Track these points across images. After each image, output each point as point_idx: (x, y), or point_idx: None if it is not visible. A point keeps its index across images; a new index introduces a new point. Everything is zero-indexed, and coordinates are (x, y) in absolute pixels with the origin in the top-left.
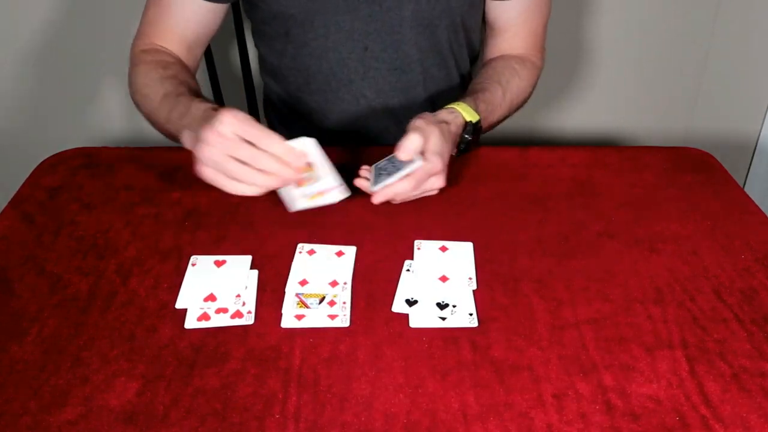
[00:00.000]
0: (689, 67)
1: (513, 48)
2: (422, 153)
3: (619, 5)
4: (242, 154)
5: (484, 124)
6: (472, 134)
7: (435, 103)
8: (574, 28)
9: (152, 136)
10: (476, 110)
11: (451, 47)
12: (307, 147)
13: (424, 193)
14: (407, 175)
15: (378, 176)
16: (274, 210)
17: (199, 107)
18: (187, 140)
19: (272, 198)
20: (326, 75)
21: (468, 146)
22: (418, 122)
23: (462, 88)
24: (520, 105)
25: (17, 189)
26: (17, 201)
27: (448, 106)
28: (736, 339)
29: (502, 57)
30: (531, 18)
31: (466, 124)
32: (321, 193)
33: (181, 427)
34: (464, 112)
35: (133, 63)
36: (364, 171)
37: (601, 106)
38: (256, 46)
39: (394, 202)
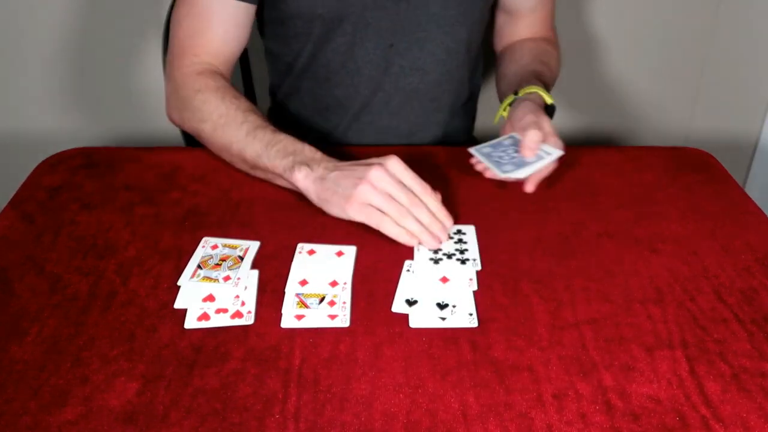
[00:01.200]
0: (689, 67)
1: (536, 31)
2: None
3: (619, 5)
4: (402, 198)
5: None
6: (551, 116)
7: (450, 104)
8: (574, 27)
9: (152, 136)
10: (549, 92)
11: (469, 45)
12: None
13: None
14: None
15: (499, 164)
16: (274, 210)
17: (313, 150)
18: (300, 176)
19: (272, 198)
20: (350, 70)
21: None
22: (528, 118)
23: (468, 86)
24: (554, 84)
25: (17, 189)
26: (17, 201)
27: (529, 89)
28: (736, 339)
29: (531, 39)
30: (547, 1)
31: (547, 107)
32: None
33: (181, 427)
34: (544, 95)
35: (192, 86)
36: (479, 165)
37: (601, 106)
38: (267, 45)
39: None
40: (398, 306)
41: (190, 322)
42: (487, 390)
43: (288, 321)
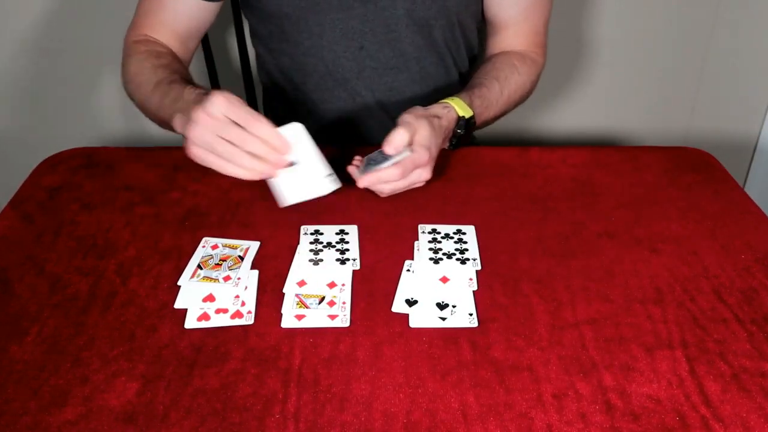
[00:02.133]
0: (689, 67)
1: (514, 45)
2: (410, 145)
3: (619, 5)
4: (231, 135)
5: (479, 120)
6: (465, 129)
7: (432, 102)
8: (574, 27)
9: (152, 136)
10: (471, 105)
11: (448, 46)
12: (297, 132)
13: (411, 184)
14: (394, 164)
15: (367, 165)
16: (274, 210)
17: (191, 92)
18: (178, 124)
19: (272, 198)
20: (322, 74)
21: (459, 141)
22: (406, 117)
23: (461, 87)
24: (519, 101)
25: (17, 189)
26: (17, 201)
27: (443, 100)
28: (736, 339)
29: (502, 53)
30: (531, 15)
31: (459, 119)
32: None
33: (181, 427)
34: (458, 107)
35: (126, 53)
36: (357, 161)
37: (601, 106)
38: (254, 46)
39: (382, 195)
40: (398, 306)
41: (190, 322)
42: (487, 390)
43: (288, 321)
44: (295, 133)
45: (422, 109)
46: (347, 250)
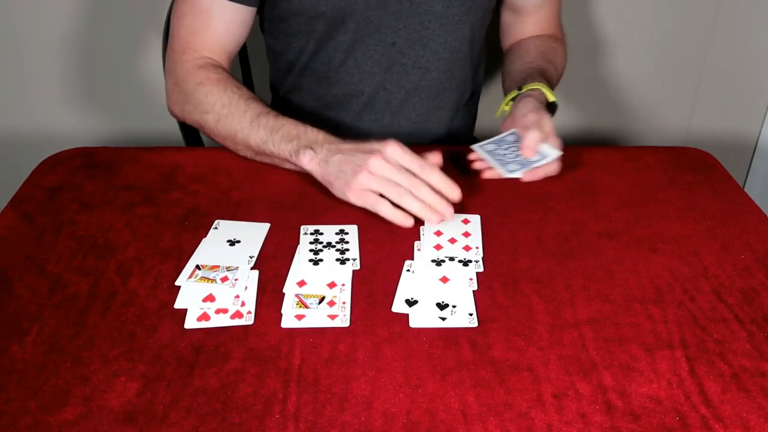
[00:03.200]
0: (689, 67)
1: (543, 29)
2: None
3: (619, 5)
4: (402, 180)
5: None
6: (552, 113)
7: (452, 102)
8: (574, 27)
9: (152, 136)
10: (552, 89)
11: (472, 44)
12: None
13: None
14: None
15: (502, 162)
16: (274, 210)
17: (315, 131)
18: (305, 159)
19: (272, 198)
20: (350, 67)
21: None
22: (530, 117)
23: (468, 89)
24: (559, 81)
25: (17, 189)
26: (17, 201)
27: (533, 85)
28: (736, 339)
29: (538, 37)
30: (554, 0)
31: (549, 104)
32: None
33: (181, 427)
34: (547, 92)
35: (194, 80)
36: (478, 162)
37: (601, 106)
38: (268, 42)
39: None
40: (398, 306)
41: (190, 322)
42: (487, 390)
43: (288, 321)
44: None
45: (531, 99)
46: (347, 250)
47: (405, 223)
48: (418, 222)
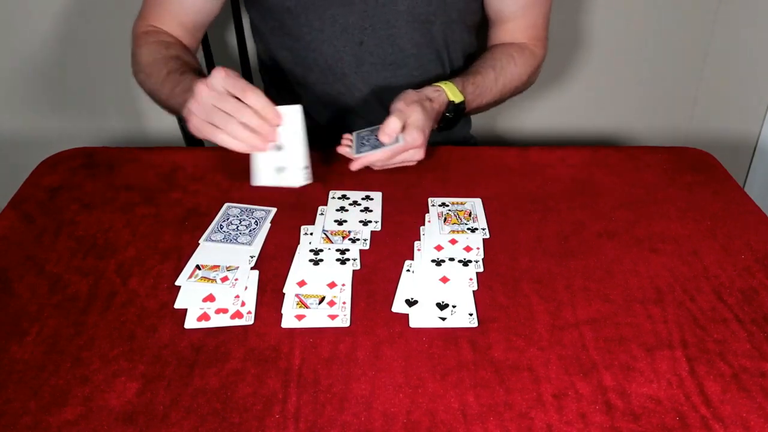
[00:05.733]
0: (689, 67)
1: (514, 38)
2: (403, 129)
3: (619, 5)
4: (227, 106)
5: (471, 106)
6: (454, 114)
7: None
8: (574, 27)
9: (152, 136)
10: (463, 91)
11: (446, 43)
12: (293, 114)
13: (402, 162)
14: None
15: (360, 145)
16: (274, 210)
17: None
18: (185, 112)
19: (272, 199)
20: (322, 68)
21: (448, 124)
22: (399, 104)
23: None
24: (515, 91)
25: (17, 189)
26: (17, 201)
27: (435, 84)
28: (736, 339)
29: (501, 44)
30: (531, 10)
31: (449, 103)
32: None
33: (181, 427)
34: (449, 91)
35: (136, 44)
36: (346, 140)
37: (601, 106)
38: (255, 42)
39: (374, 168)
40: (398, 306)
41: (190, 322)
42: (487, 390)
43: (288, 321)
44: (292, 114)
45: (414, 93)
46: (347, 249)
47: (243, 149)
48: (419, 221)
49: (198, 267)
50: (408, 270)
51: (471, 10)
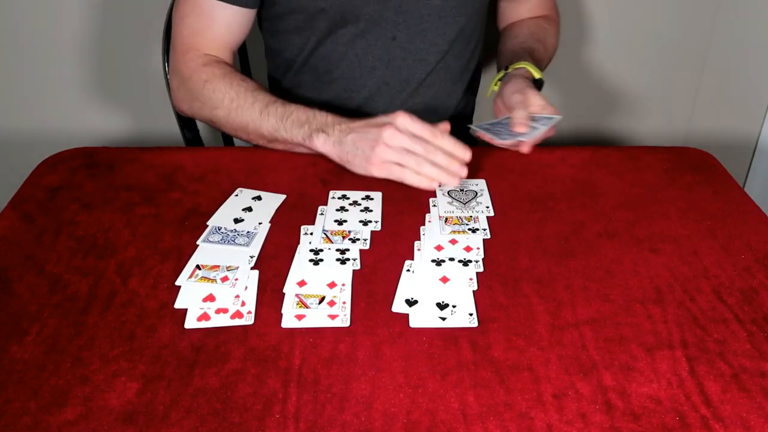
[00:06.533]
0: (689, 67)
1: (536, 12)
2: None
3: (619, 5)
4: (417, 149)
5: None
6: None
7: (448, 93)
8: (574, 27)
9: (152, 136)
10: (539, 68)
11: (470, 36)
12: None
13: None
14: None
15: (498, 132)
16: (274, 210)
17: (323, 114)
18: (319, 142)
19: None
20: (351, 62)
21: None
22: (516, 97)
23: (465, 80)
24: (552, 58)
25: (17, 189)
26: (17, 201)
27: (519, 65)
28: (736, 339)
29: (530, 19)
30: None
31: (534, 80)
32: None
33: (181, 427)
34: (533, 70)
35: (200, 78)
36: (482, 135)
37: (601, 105)
38: (267, 41)
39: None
40: (398, 306)
41: (190, 322)
42: (487, 390)
43: (288, 321)
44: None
45: (518, 80)
46: (347, 249)
47: (430, 186)
48: (419, 221)
49: (198, 267)
50: (408, 270)
51: None
